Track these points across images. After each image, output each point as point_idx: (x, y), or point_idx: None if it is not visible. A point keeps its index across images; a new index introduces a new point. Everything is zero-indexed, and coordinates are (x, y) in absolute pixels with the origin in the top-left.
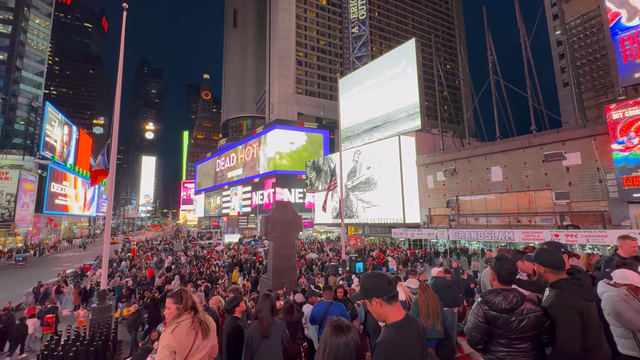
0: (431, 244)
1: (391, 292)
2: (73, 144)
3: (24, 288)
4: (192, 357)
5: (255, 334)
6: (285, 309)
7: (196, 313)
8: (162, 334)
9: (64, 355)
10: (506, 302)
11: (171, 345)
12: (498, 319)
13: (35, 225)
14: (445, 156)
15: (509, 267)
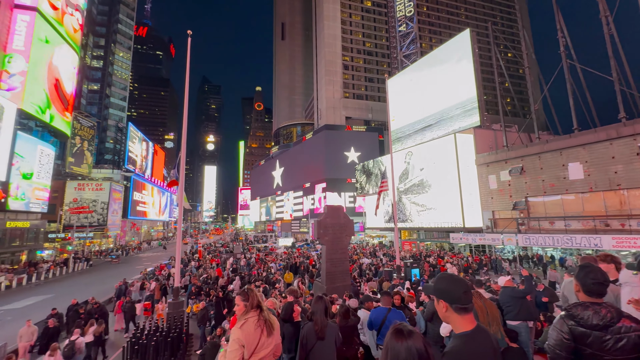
0: (496, 250)
1: (464, 303)
2: (150, 157)
3: (117, 281)
4: (258, 353)
5: (311, 334)
6: (342, 313)
7: (261, 311)
8: (232, 328)
9: (147, 344)
10: (598, 317)
11: (240, 339)
12: (588, 337)
13: (122, 229)
14: (510, 153)
15: (597, 277)
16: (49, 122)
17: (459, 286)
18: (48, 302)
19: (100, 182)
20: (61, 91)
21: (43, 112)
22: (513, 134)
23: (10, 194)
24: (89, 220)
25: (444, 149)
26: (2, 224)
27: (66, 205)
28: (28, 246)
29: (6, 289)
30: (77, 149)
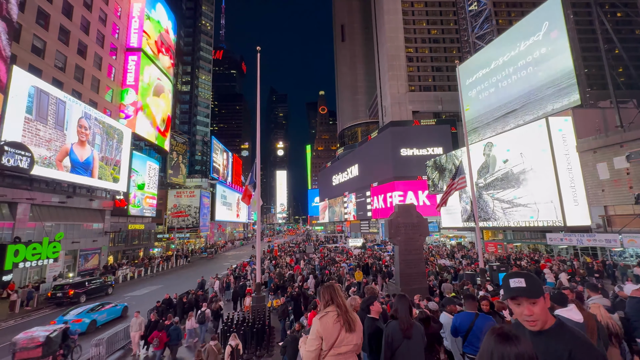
0: (612, 253)
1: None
2: (229, 166)
3: (211, 273)
4: (337, 348)
5: (396, 333)
6: (421, 320)
7: (340, 311)
8: (313, 318)
9: (236, 332)
10: None
11: (319, 330)
12: None
13: (211, 230)
14: (627, 135)
15: None
16: (156, 142)
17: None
18: (159, 292)
19: (193, 190)
20: (162, 117)
21: (150, 135)
22: (630, 111)
23: (130, 202)
24: (185, 223)
25: (533, 136)
26: (126, 227)
27: (169, 210)
28: (143, 244)
29: (130, 279)
30: (174, 163)
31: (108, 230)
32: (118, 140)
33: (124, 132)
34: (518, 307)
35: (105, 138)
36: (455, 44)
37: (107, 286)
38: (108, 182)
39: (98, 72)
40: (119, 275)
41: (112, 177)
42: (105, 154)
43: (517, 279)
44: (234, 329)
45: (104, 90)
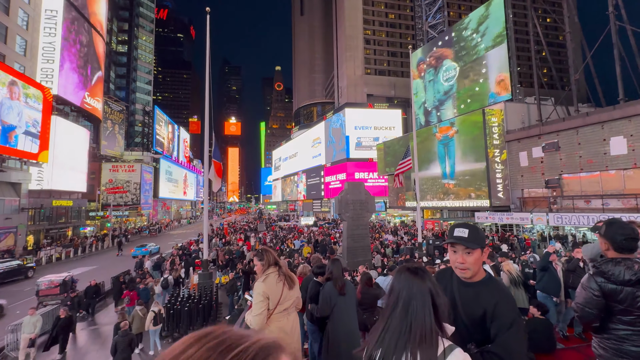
0: (524, 230)
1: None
2: (176, 140)
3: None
4: (282, 305)
5: (333, 291)
6: (364, 281)
7: (280, 268)
8: (255, 283)
9: (181, 309)
10: (630, 272)
11: (265, 292)
12: (619, 293)
13: (154, 208)
14: (545, 128)
15: (627, 232)
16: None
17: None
18: (93, 273)
19: (132, 164)
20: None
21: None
22: (548, 108)
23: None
24: (123, 200)
25: (472, 125)
26: (49, 203)
27: (103, 186)
28: (72, 223)
29: (56, 261)
30: (109, 133)
31: (26, 206)
32: (34, 102)
33: (40, 92)
34: (454, 254)
35: (17, 97)
36: (410, 31)
37: (26, 269)
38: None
39: (4, 16)
40: (42, 256)
41: (30, 144)
42: (17, 116)
43: (461, 229)
44: (178, 306)
45: (13, 40)
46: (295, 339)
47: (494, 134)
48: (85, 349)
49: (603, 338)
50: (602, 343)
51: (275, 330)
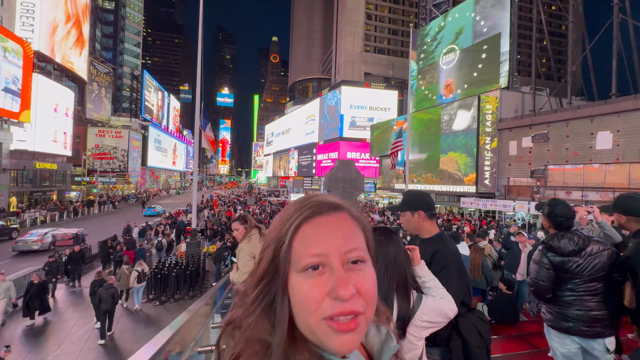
0: (506, 217)
1: (434, 209)
2: (166, 107)
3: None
4: None
5: None
6: None
7: (260, 229)
8: (239, 245)
9: (168, 275)
10: (573, 244)
11: (251, 251)
12: (566, 263)
13: (142, 177)
14: (537, 118)
15: (564, 212)
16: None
17: (428, 196)
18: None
19: (120, 130)
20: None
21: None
22: (543, 98)
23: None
24: (110, 167)
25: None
26: (32, 165)
27: (89, 151)
28: (57, 187)
29: (41, 224)
30: (95, 96)
31: (7, 167)
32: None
33: (20, 47)
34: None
35: None
36: (414, 9)
37: (10, 229)
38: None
39: None
40: (26, 218)
41: (10, 102)
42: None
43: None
44: (165, 271)
45: None
46: None
47: (487, 121)
48: (64, 310)
49: (551, 304)
50: (550, 308)
51: None
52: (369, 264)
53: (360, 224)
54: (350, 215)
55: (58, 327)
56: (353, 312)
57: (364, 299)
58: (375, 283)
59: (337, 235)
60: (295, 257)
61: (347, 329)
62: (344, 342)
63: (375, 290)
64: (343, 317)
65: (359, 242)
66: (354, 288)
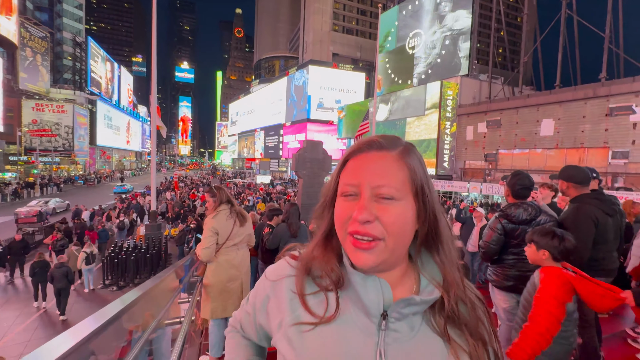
0: (460, 196)
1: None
2: (116, 80)
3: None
4: (231, 240)
5: (285, 232)
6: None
7: (232, 206)
8: (206, 220)
9: (126, 259)
10: (526, 213)
11: (214, 227)
12: (516, 231)
13: (91, 157)
14: (491, 105)
15: (524, 182)
16: None
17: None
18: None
19: (62, 104)
20: None
21: None
22: (498, 87)
23: None
24: (52, 145)
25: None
26: None
27: (25, 127)
28: None
29: None
30: (29, 63)
31: None
32: None
33: None
34: None
35: None
36: None
37: None
38: None
39: None
40: None
41: None
42: None
43: None
44: (123, 255)
45: None
46: (244, 271)
47: (448, 106)
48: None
49: (496, 266)
50: (495, 270)
51: (224, 263)
52: (402, 203)
53: (406, 165)
54: (397, 154)
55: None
56: (367, 234)
57: (385, 229)
58: (403, 220)
59: (371, 170)
60: (340, 185)
61: (362, 247)
62: (358, 257)
63: (400, 226)
64: (360, 236)
65: (392, 181)
66: (372, 215)
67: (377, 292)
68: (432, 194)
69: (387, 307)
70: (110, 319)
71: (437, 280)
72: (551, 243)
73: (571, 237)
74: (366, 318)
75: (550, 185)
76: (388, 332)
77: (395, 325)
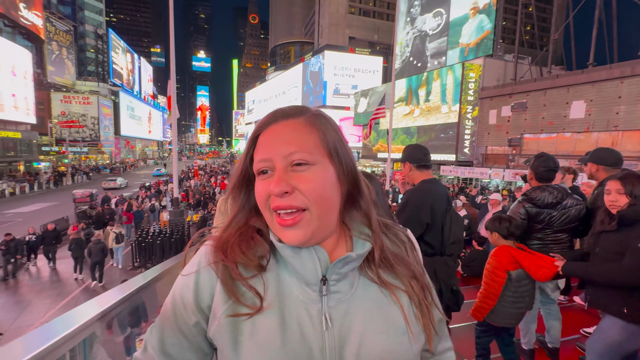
0: (482, 183)
1: (423, 161)
2: (137, 71)
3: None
4: None
5: None
6: None
7: None
8: (220, 199)
9: (153, 242)
10: (552, 196)
11: (220, 208)
12: (541, 215)
13: (117, 146)
14: (517, 87)
15: (548, 164)
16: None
17: (419, 150)
18: (53, 209)
19: (88, 96)
20: None
21: None
22: (525, 67)
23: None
24: (80, 135)
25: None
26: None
27: (55, 119)
28: (23, 157)
29: (10, 196)
30: (55, 57)
31: None
32: None
33: None
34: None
35: None
36: None
37: None
38: None
39: None
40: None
41: None
42: None
43: None
44: (150, 240)
45: None
46: None
47: (470, 89)
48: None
49: None
50: None
51: None
52: (318, 167)
53: (315, 128)
54: (304, 120)
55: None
56: (289, 206)
57: (306, 197)
58: (323, 183)
59: (281, 140)
60: (254, 164)
61: (287, 224)
62: (286, 235)
63: (321, 190)
64: (283, 212)
65: (303, 146)
66: (289, 186)
67: (313, 259)
68: (348, 153)
69: (325, 271)
70: (135, 289)
71: (366, 233)
72: (498, 226)
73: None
74: (307, 288)
75: (568, 168)
76: (330, 295)
77: (336, 287)
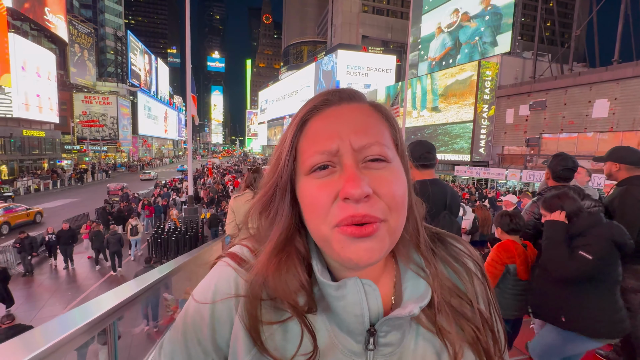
0: (498, 184)
1: (422, 160)
2: (154, 72)
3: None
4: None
5: None
6: None
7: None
8: (232, 198)
9: (168, 239)
10: None
11: (232, 206)
12: None
13: (134, 145)
14: (536, 85)
15: (567, 164)
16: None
17: (421, 147)
18: (76, 205)
19: (107, 96)
20: None
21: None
22: (544, 64)
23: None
24: (101, 134)
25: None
26: (19, 133)
27: (76, 118)
28: (47, 155)
29: (35, 192)
30: (77, 59)
31: None
32: None
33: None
34: None
35: None
36: None
37: (4, 197)
38: None
39: None
40: (19, 186)
41: None
42: None
43: None
44: (165, 236)
45: None
46: None
47: (486, 88)
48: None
49: None
50: None
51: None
52: (395, 165)
53: (385, 117)
54: (372, 106)
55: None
56: (367, 216)
57: (386, 203)
58: (403, 186)
59: (350, 128)
60: (302, 158)
61: (361, 234)
62: (358, 250)
63: (402, 195)
64: (359, 219)
65: (380, 137)
66: (369, 188)
67: (361, 302)
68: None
69: (375, 320)
70: (151, 284)
71: (417, 263)
72: (502, 221)
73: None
74: (348, 337)
75: (586, 169)
76: (378, 350)
77: (385, 340)
